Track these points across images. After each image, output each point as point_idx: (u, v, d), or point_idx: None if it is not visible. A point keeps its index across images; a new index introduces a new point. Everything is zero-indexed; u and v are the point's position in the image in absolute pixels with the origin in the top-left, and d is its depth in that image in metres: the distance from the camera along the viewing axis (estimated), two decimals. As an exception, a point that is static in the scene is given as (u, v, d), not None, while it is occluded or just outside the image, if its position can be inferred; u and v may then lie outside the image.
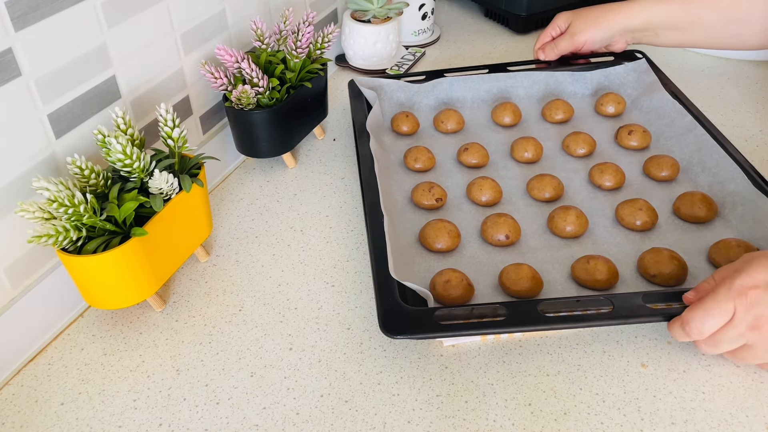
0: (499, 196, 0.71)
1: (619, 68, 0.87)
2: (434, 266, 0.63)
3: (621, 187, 0.72)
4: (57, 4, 0.53)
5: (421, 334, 0.53)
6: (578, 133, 0.78)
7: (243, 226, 0.72)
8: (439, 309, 0.54)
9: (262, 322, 0.61)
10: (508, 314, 0.53)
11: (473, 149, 0.76)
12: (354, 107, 0.83)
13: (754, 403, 0.51)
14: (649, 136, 0.78)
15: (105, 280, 0.55)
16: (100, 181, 0.55)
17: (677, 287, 0.59)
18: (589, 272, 0.59)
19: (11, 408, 0.54)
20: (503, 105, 0.84)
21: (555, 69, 0.88)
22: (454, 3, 1.24)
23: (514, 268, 0.60)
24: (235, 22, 0.77)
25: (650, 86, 0.84)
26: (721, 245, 0.61)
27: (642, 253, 0.62)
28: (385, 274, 0.56)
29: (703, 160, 0.71)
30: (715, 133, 0.73)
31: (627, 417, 0.51)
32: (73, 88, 0.57)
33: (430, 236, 0.64)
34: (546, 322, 0.53)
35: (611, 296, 0.55)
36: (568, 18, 0.88)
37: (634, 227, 0.66)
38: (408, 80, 0.87)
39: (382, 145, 0.78)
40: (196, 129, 0.75)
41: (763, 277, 0.48)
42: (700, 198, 0.66)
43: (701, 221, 0.66)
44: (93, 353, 0.58)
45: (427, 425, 0.51)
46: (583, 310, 0.54)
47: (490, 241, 0.65)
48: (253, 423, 0.52)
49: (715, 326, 0.50)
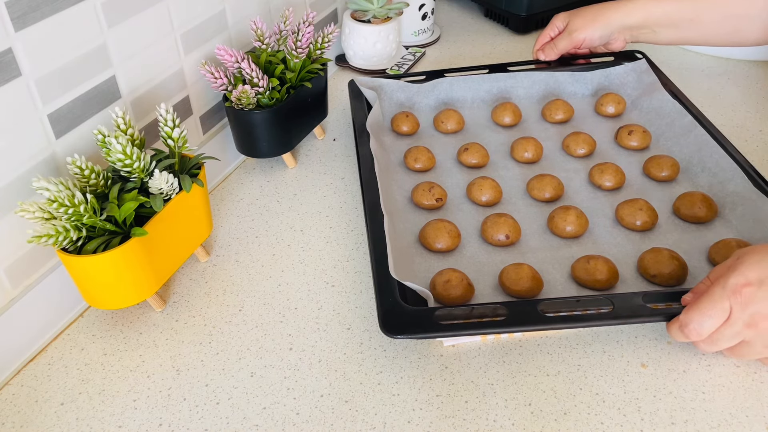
0: (499, 196, 0.71)
1: (619, 68, 0.87)
2: (434, 266, 0.63)
3: (621, 187, 0.72)
4: (57, 4, 0.53)
5: (421, 333, 0.53)
6: (578, 133, 0.78)
7: (243, 226, 0.72)
8: (439, 309, 0.54)
9: (262, 322, 0.61)
10: (508, 314, 0.53)
11: (473, 149, 0.76)
12: (354, 107, 0.83)
13: (754, 403, 0.51)
14: (649, 137, 0.78)
15: (105, 280, 0.55)
16: (100, 181, 0.55)
17: (677, 287, 0.59)
18: (589, 272, 0.59)
19: (11, 408, 0.54)
20: (503, 105, 0.84)
21: (555, 69, 0.88)
22: (454, 3, 1.24)
23: (514, 268, 0.60)
24: (235, 22, 0.77)
25: (650, 86, 0.84)
26: (721, 245, 0.61)
27: (642, 253, 0.62)
28: (385, 274, 0.56)
29: (703, 160, 0.71)
30: (715, 134, 0.73)
31: (627, 417, 0.51)
32: (73, 88, 0.57)
33: (430, 236, 0.64)
34: (546, 322, 0.53)
35: (611, 296, 0.55)
36: (565, 18, 0.89)
37: (634, 227, 0.66)
38: (408, 80, 0.87)
39: (382, 145, 0.78)
40: (196, 129, 0.75)
41: (756, 275, 0.48)
42: (700, 198, 0.66)
43: (701, 221, 0.66)
44: (93, 353, 0.58)
45: (427, 425, 0.51)
46: (583, 310, 0.54)
47: (490, 241, 0.65)
48: (253, 423, 0.52)
49: (712, 326, 0.50)
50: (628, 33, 0.86)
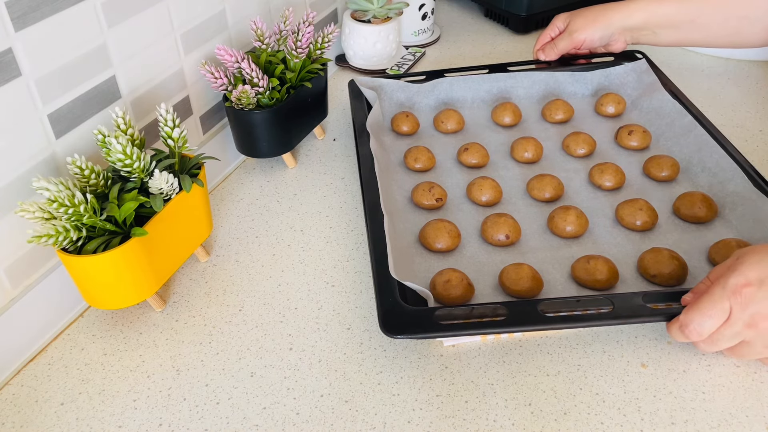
0: (499, 196, 0.71)
1: (619, 68, 0.87)
2: (434, 266, 0.63)
3: (621, 187, 0.72)
4: (57, 4, 0.53)
5: (421, 333, 0.53)
6: (578, 133, 0.78)
7: (243, 226, 0.72)
8: (439, 309, 0.54)
9: (262, 322, 0.61)
10: (508, 314, 0.53)
11: (473, 149, 0.76)
12: (354, 107, 0.83)
13: (754, 403, 0.51)
14: (649, 137, 0.78)
15: (105, 280, 0.55)
16: (100, 181, 0.55)
17: (677, 287, 0.59)
18: (590, 272, 0.59)
19: (11, 408, 0.54)
20: (503, 105, 0.84)
21: (555, 69, 0.88)
22: (454, 3, 1.24)
23: (514, 268, 0.60)
24: (235, 22, 0.77)
25: (650, 86, 0.84)
26: (721, 245, 0.61)
27: (642, 253, 0.62)
28: (386, 274, 0.56)
29: (703, 160, 0.71)
30: (715, 134, 0.73)
31: (627, 417, 0.51)
32: (73, 88, 0.57)
33: (430, 236, 0.64)
34: (546, 322, 0.53)
35: (611, 296, 0.55)
36: (566, 18, 0.89)
37: (634, 227, 0.66)
38: (408, 80, 0.87)
39: (382, 145, 0.78)
40: (196, 129, 0.75)
41: (756, 274, 0.48)
42: (700, 198, 0.66)
43: (701, 221, 0.66)
44: (93, 353, 0.58)
45: (427, 425, 0.51)
46: (583, 310, 0.54)
47: (490, 241, 0.65)
48: (253, 423, 0.52)
49: (713, 327, 0.50)
50: (629, 34, 0.87)
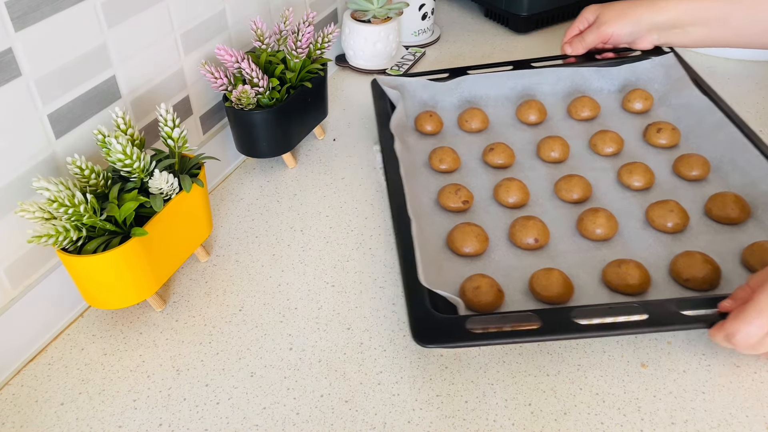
0: (526, 197, 0.69)
1: (646, 63, 0.84)
2: (462, 271, 0.61)
3: (650, 187, 0.70)
4: (57, 4, 0.53)
5: (453, 343, 0.52)
6: (605, 132, 0.76)
7: (243, 226, 0.72)
8: (470, 317, 0.53)
9: (262, 322, 0.61)
10: (542, 323, 0.52)
11: (499, 149, 0.75)
12: (378, 108, 0.80)
13: (754, 403, 0.51)
14: (678, 134, 0.75)
15: (105, 280, 0.55)
16: (100, 181, 0.55)
17: (711, 292, 0.58)
18: (621, 277, 0.58)
19: (11, 408, 0.54)
20: (528, 102, 0.82)
21: (580, 65, 0.85)
22: (454, 3, 1.24)
23: (545, 274, 0.58)
24: (235, 22, 0.77)
25: (678, 82, 0.81)
26: (756, 248, 0.59)
27: (674, 256, 0.60)
28: (415, 282, 0.55)
29: (735, 158, 0.69)
30: (747, 132, 0.70)
31: (627, 417, 0.51)
32: (73, 88, 0.57)
33: (458, 240, 0.63)
34: (580, 331, 0.52)
35: (645, 303, 0.53)
36: (596, 10, 0.86)
37: (665, 229, 0.64)
38: (430, 78, 0.85)
39: (406, 146, 0.76)
40: (196, 129, 0.75)
41: None
42: (732, 198, 0.64)
43: (734, 222, 0.64)
44: (93, 353, 0.58)
45: (427, 425, 0.51)
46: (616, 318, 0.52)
47: (518, 245, 0.64)
48: (253, 423, 0.52)
49: (759, 335, 0.49)
50: (657, 33, 0.84)
